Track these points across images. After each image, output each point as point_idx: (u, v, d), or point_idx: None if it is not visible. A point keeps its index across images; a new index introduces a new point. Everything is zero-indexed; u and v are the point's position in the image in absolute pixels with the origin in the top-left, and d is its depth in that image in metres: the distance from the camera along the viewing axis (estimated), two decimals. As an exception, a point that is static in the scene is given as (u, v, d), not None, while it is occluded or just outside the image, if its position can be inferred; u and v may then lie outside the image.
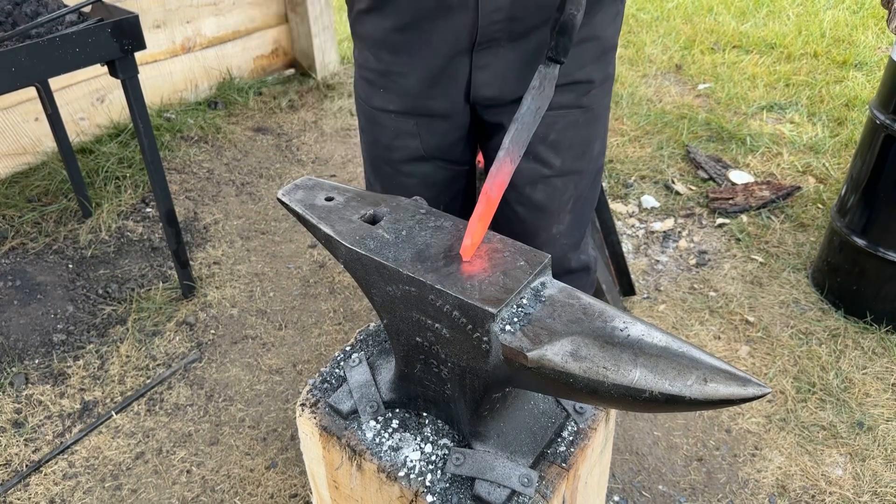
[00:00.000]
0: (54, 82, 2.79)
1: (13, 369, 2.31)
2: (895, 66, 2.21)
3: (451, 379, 0.98)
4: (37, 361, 2.35)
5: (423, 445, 1.07)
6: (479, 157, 1.97)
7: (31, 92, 2.98)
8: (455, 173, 1.52)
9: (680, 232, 2.99)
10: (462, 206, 1.63)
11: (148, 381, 2.31)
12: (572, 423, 1.10)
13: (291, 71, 4.39)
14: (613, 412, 1.18)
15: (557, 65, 1.07)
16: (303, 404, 1.16)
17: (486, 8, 1.21)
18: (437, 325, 0.92)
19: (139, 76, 2.15)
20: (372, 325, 1.30)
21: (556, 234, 1.52)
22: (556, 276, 1.64)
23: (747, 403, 1.36)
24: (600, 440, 1.14)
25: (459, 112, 1.40)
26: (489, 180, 0.97)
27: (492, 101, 1.37)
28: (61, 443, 2.10)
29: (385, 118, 1.43)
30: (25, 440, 2.11)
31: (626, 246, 2.91)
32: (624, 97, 3.99)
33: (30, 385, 2.28)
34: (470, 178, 1.60)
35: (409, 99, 1.38)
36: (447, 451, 1.06)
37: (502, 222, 1.52)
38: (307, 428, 1.14)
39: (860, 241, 2.38)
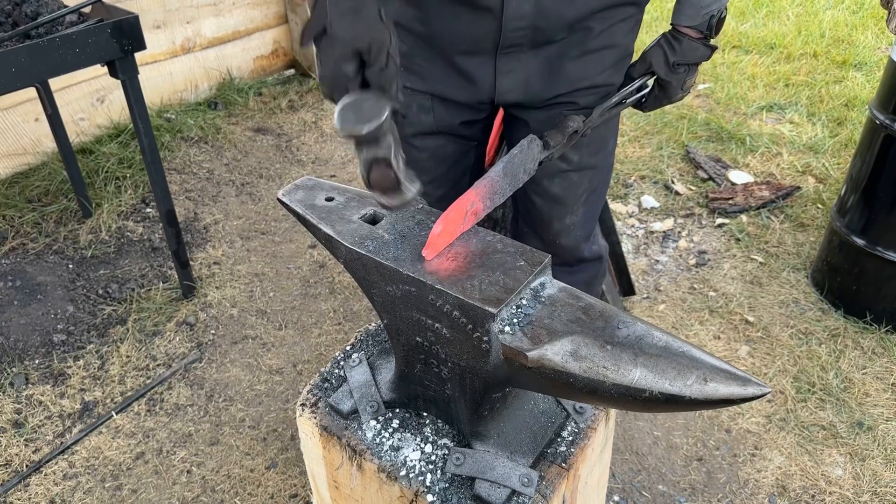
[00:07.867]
0: (54, 83, 2.79)
1: (13, 369, 2.31)
2: (895, 67, 2.21)
3: (451, 379, 0.98)
4: (37, 362, 2.35)
5: (423, 445, 1.07)
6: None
7: (31, 92, 2.98)
8: (465, 147, 1.58)
9: (680, 232, 2.99)
10: (470, 184, 1.67)
11: (148, 381, 2.31)
12: (572, 423, 1.10)
13: (291, 71, 4.39)
14: (613, 412, 1.18)
15: (544, 146, 1.26)
16: (303, 404, 1.16)
17: (510, 14, 1.26)
18: (437, 325, 0.92)
19: (139, 76, 2.16)
20: (372, 325, 1.30)
21: (569, 225, 1.61)
22: (570, 264, 1.73)
23: (747, 403, 1.36)
24: (600, 440, 1.14)
25: (479, 104, 1.46)
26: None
27: (517, 105, 1.45)
28: (61, 443, 2.10)
29: None
30: (25, 440, 2.11)
31: (626, 246, 2.91)
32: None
33: (30, 385, 2.28)
34: (479, 155, 1.66)
35: (429, 83, 1.44)
36: (447, 451, 1.06)
37: (521, 210, 1.63)
38: (307, 428, 1.14)
39: (860, 241, 2.38)
